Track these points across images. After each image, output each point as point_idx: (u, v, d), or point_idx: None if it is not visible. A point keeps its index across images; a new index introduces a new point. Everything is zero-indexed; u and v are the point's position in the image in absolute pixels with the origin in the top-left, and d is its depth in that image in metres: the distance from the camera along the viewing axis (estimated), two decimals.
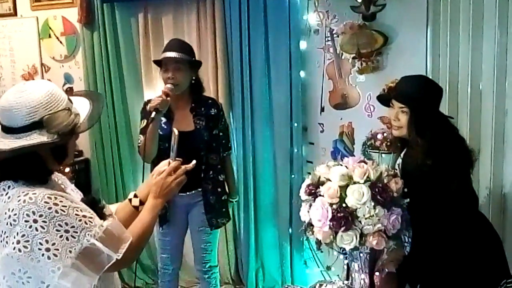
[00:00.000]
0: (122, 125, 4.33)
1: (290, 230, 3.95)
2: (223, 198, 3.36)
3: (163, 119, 3.11)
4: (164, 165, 1.96)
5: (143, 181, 2.92)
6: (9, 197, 1.55)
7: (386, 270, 2.47)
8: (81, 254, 1.50)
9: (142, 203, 1.93)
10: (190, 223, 3.35)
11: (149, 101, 3.11)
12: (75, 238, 1.50)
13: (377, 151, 3.35)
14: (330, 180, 2.26)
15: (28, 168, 1.57)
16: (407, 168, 2.46)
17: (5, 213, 1.51)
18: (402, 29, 3.49)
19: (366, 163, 2.29)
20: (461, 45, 3.28)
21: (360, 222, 2.20)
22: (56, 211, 1.50)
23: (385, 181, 2.22)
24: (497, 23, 3.16)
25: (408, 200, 2.26)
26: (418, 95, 2.41)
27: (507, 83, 3.18)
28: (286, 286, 3.87)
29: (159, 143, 3.05)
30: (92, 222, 1.56)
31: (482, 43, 3.21)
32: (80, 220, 1.53)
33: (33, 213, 1.48)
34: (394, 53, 3.52)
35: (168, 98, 2.96)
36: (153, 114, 2.88)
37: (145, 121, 3.05)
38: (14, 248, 1.48)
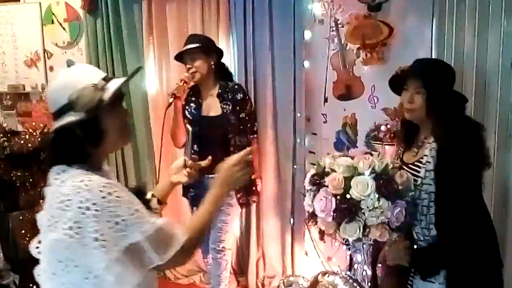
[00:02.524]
0: None
1: (291, 220, 3.96)
2: (252, 177, 3.46)
3: (193, 105, 3.35)
4: (180, 163, 1.98)
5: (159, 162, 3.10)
6: (62, 181, 1.50)
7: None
8: (127, 249, 1.46)
9: (160, 202, 1.91)
10: None
11: None
12: (124, 232, 1.45)
13: (380, 142, 3.34)
14: (335, 171, 2.25)
15: (65, 150, 1.55)
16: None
17: (57, 197, 1.47)
18: (407, 20, 3.47)
19: (371, 154, 2.28)
20: (466, 37, 3.26)
21: (363, 213, 2.18)
22: (110, 201, 1.45)
23: (390, 173, 2.21)
24: (503, 14, 3.15)
25: (412, 193, 2.24)
26: (435, 74, 2.29)
27: None
28: (287, 276, 3.88)
29: (190, 126, 3.26)
30: (143, 218, 1.50)
31: (488, 34, 3.20)
32: (132, 214, 1.48)
33: (87, 200, 1.43)
34: (399, 44, 3.50)
35: (185, 84, 3.19)
36: (171, 99, 3.11)
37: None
38: (64, 234, 1.43)
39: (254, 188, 3.54)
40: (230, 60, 3.88)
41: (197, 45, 3.25)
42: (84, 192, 1.44)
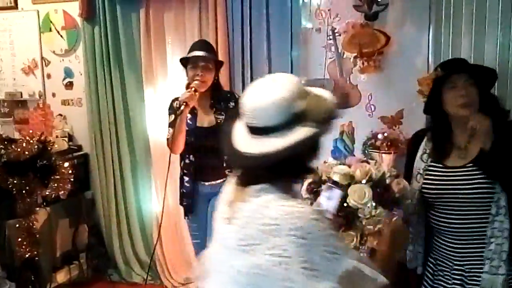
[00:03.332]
0: (122, 121, 4.32)
1: None
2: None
3: (189, 115, 3.29)
4: None
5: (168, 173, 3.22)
6: (266, 202, 1.38)
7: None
8: (343, 277, 1.35)
9: None
10: (210, 211, 3.44)
11: (176, 98, 3.32)
12: (333, 261, 1.35)
13: (378, 151, 3.34)
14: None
15: (290, 167, 1.42)
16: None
17: (259, 218, 1.35)
18: (404, 29, 3.49)
19: (368, 163, 2.28)
20: (463, 46, 3.28)
21: (361, 222, 2.19)
22: (322, 229, 1.35)
23: (387, 181, 2.21)
24: (499, 24, 3.17)
25: (409, 201, 2.24)
26: (475, 64, 2.29)
27: (509, 84, 3.18)
28: None
29: (186, 137, 3.25)
30: (347, 249, 1.43)
31: (485, 43, 3.22)
32: (340, 243, 1.41)
33: (299, 228, 1.31)
34: (396, 53, 3.51)
35: (197, 93, 3.16)
36: (182, 107, 3.08)
37: (173, 116, 3.27)
38: (267, 260, 1.32)
39: None
40: (227, 68, 3.88)
41: (211, 56, 3.27)
42: (295, 219, 1.33)
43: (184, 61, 3.33)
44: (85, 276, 4.40)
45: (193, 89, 3.14)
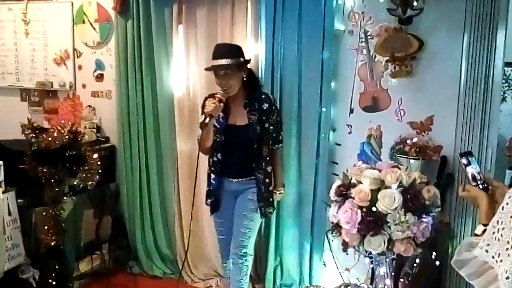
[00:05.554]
0: (150, 116, 4.34)
1: (311, 229, 3.94)
2: (270, 188, 3.49)
3: (221, 114, 3.28)
4: None
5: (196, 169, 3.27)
6: None
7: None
8: None
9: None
10: (236, 208, 3.49)
11: (210, 95, 3.32)
12: None
13: (406, 156, 3.32)
14: (362, 183, 2.25)
15: None
16: None
17: None
18: (438, 34, 3.45)
19: (399, 168, 2.27)
20: (497, 54, 3.23)
21: (389, 227, 2.19)
22: None
23: (418, 188, 2.20)
24: None
25: (439, 209, 2.23)
26: None
27: None
28: (308, 286, 3.86)
29: (215, 135, 3.30)
30: None
31: None
32: None
33: None
34: (428, 59, 3.48)
35: (222, 104, 3.15)
36: (207, 119, 3.08)
37: (204, 115, 3.25)
38: None
39: (271, 199, 3.50)
40: (257, 68, 3.88)
41: (230, 62, 3.17)
42: None
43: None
44: (107, 266, 4.44)
45: (217, 99, 3.14)
